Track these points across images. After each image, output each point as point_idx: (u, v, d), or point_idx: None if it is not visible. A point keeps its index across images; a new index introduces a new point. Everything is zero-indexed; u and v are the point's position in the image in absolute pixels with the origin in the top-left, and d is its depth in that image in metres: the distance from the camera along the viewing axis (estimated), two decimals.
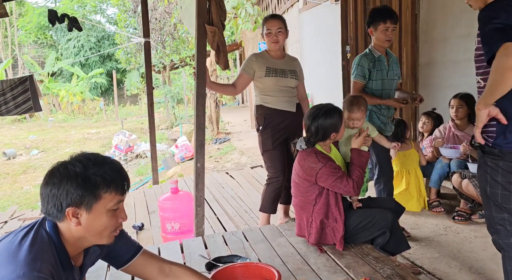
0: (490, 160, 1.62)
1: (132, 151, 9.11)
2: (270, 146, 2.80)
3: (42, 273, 1.05)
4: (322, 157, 2.07)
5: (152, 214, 3.77)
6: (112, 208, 1.17)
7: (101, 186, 1.14)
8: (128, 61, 13.01)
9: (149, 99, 4.63)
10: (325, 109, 2.11)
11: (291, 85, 2.83)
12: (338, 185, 2.04)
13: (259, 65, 2.77)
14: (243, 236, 2.43)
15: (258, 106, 2.87)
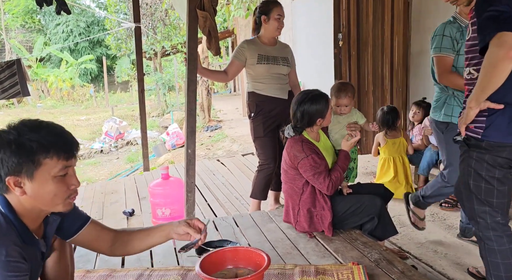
0: (475, 154, 1.59)
1: (123, 138, 9.05)
2: (261, 133, 2.81)
3: (11, 257, 1.03)
4: (307, 148, 2.07)
5: (142, 200, 3.77)
6: (58, 174, 1.11)
7: (38, 152, 1.08)
8: (118, 47, 12.81)
9: (140, 85, 4.58)
10: (312, 94, 2.11)
11: (283, 72, 2.82)
12: (314, 180, 2.06)
13: (250, 52, 2.75)
14: (234, 221, 2.45)
15: (250, 93, 2.87)
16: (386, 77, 4.38)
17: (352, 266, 1.75)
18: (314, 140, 2.18)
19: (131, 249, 1.42)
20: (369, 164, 4.38)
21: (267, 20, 2.74)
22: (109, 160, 7.96)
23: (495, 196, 1.60)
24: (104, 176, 6.69)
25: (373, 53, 4.31)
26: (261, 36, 2.83)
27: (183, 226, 1.38)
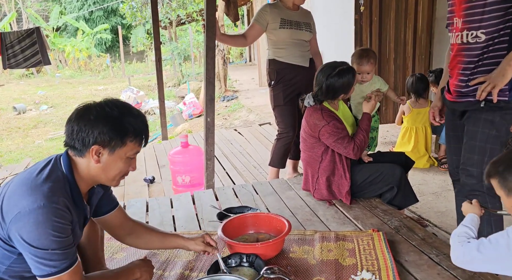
0: (499, 117, 1.60)
1: (140, 107, 9.12)
2: (281, 101, 2.78)
3: (60, 205, 1.12)
4: (327, 115, 2.05)
5: (162, 168, 3.84)
6: (130, 156, 1.25)
7: (130, 135, 1.21)
8: (133, 16, 12.65)
9: (157, 54, 4.55)
10: (339, 68, 2.06)
11: (305, 39, 2.75)
12: (338, 145, 2.04)
13: (273, 16, 2.68)
14: (253, 189, 2.48)
15: (270, 60, 2.81)
16: (408, 44, 4.23)
17: (372, 232, 1.77)
18: (333, 109, 2.15)
19: (143, 244, 1.52)
20: (388, 134, 4.32)
21: None
22: None
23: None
24: None
25: (395, 19, 4.14)
26: (284, 0, 2.74)
27: (201, 245, 1.50)
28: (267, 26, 2.70)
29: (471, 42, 1.60)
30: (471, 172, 1.69)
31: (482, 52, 1.58)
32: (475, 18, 1.56)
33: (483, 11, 1.53)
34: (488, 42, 1.56)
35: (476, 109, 1.65)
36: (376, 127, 2.32)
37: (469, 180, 1.71)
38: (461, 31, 1.61)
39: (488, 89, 1.55)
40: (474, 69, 1.62)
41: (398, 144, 3.47)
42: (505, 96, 1.57)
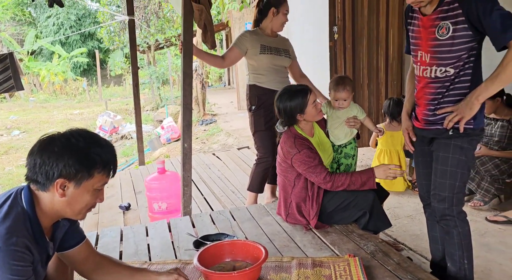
0: (467, 143, 1.68)
1: (117, 132, 8.99)
2: (262, 126, 2.81)
3: (19, 247, 1.06)
4: (299, 144, 2.07)
5: (138, 194, 3.76)
6: (97, 188, 1.21)
7: (97, 166, 1.18)
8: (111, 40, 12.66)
9: (134, 79, 4.54)
10: (289, 90, 2.13)
11: (285, 64, 2.83)
12: (310, 174, 2.06)
13: (253, 42, 2.74)
14: (230, 215, 2.46)
15: (251, 85, 2.85)
16: (381, 70, 4.39)
17: (349, 258, 1.77)
18: (308, 135, 2.18)
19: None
20: (364, 157, 4.41)
21: (276, 13, 2.73)
22: None
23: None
24: None
25: (368, 46, 4.31)
26: (263, 27, 2.81)
27: (169, 275, 1.43)
28: (247, 52, 2.76)
29: (440, 77, 1.68)
30: (443, 197, 1.74)
31: (450, 84, 1.67)
32: (444, 56, 1.64)
33: (451, 49, 1.61)
34: (456, 75, 1.65)
35: (445, 136, 1.71)
36: (352, 154, 2.35)
37: (441, 205, 1.75)
38: (430, 66, 1.69)
39: (455, 120, 1.64)
40: (441, 99, 1.70)
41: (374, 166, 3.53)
42: (470, 124, 1.66)
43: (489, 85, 1.55)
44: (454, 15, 1.57)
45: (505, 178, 2.92)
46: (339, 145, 2.34)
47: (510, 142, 2.91)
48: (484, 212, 2.84)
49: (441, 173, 1.74)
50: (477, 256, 2.25)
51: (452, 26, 1.58)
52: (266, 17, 2.76)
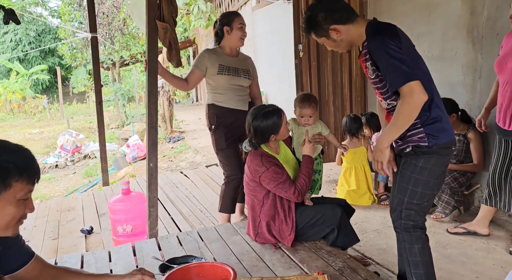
0: (422, 160, 1.72)
1: (80, 151, 8.67)
2: (223, 145, 2.77)
3: None
4: (266, 161, 2.08)
5: (102, 217, 3.61)
6: (22, 198, 1.11)
7: (12, 174, 1.07)
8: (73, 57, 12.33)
9: (98, 96, 4.42)
10: (264, 111, 2.13)
11: (244, 85, 2.81)
12: (279, 190, 2.07)
13: (211, 61, 2.72)
14: (198, 236, 2.40)
15: (210, 105, 2.83)
16: (345, 87, 4.52)
17: (318, 276, 1.76)
18: (274, 153, 2.19)
19: None
20: (331, 172, 4.47)
21: (230, 31, 2.71)
22: (65, 175, 7.57)
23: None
24: (60, 192, 6.35)
25: (332, 63, 4.43)
26: (223, 46, 2.79)
27: (138, 276, 1.41)
28: (206, 71, 2.74)
29: (390, 108, 1.80)
30: (394, 208, 1.84)
31: None
32: (381, 91, 1.76)
33: (380, 86, 1.74)
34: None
35: (404, 154, 1.79)
36: (318, 170, 2.37)
37: (392, 214, 1.86)
38: (381, 100, 1.83)
39: (380, 167, 1.74)
40: None
41: (340, 183, 3.59)
42: (425, 142, 1.71)
43: (388, 132, 1.69)
44: (369, 58, 1.69)
45: (463, 190, 3.05)
46: None
47: (466, 155, 3.05)
48: (446, 224, 2.94)
49: (397, 187, 1.83)
50: (440, 268, 2.32)
51: (372, 67, 1.70)
52: (223, 37, 2.76)
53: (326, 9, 1.72)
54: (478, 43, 3.07)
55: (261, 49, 6.95)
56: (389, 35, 1.61)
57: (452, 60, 3.31)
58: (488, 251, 2.53)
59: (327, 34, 1.73)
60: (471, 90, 3.18)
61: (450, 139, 1.72)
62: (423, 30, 3.53)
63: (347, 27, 1.71)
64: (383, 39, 1.60)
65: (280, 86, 5.99)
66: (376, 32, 1.66)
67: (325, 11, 1.71)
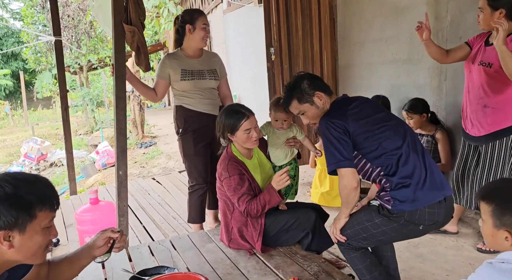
0: (378, 216, 1.78)
1: (46, 159, 8.31)
2: (191, 150, 2.67)
3: None
4: (232, 167, 2.03)
5: (69, 227, 3.45)
6: (46, 226, 1.14)
7: (35, 205, 1.10)
8: (37, 61, 11.83)
9: (63, 103, 4.23)
10: (229, 108, 2.13)
11: (212, 86, 2.69)
12: (234, 200, 2.04)
13: (173, 67, 2.59)
14: (171, 244, 2.33)
15: (177, 106, 2.70)
16: None
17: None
18: (245, 157, 2.15)
19: (64, 278, 1.43)
20: (305, 175, 4.49)
21: (193, 29, 2.56)
22: None
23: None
24: None
25: (304, 67, 4.46)
26: (184, 48, 2.65)
27: (100, 235, 1.44)
28: (170, 78, 2.62)
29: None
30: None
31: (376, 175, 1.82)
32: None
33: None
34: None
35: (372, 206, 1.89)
36: (293, 174, 2.35)
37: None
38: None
39: (335, 233, 1.88)
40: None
41: (314, 185, 3.60)
42: (388, 204, 1.74)
43: (341, 211, 1.86)
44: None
45: None
46: (280, 166, 2.33)
47: (434, 155, 3.13)
48: None
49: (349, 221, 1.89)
50: (413, 267, 2.36)
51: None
52: (184, 35, 2.60)
53: (309, 78, 1.88)
54: (443, 46, 3.16)
55: (233, 52, 6.92)
56: (335, 116, 1.77)
57: (419, 63, 3.40)
58: (457, 249, 2.60)
59: (311, 100, 1.83)
60: (437, 91, 3.28)
61: (416, 209, 1.66)
62: (391, 33, 3.61)
63: (327, 97, 1.85)
64: (327, 121, 1.76)
65: (253, 89, 5.98)
66: (327, 112, 1.84)
67: (309, 79, 1.87)
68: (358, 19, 4.04)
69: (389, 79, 3.73)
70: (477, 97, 2.39)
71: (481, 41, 2.46)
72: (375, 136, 1.73)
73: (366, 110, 1.81)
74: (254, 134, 2.06)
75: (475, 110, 2.41)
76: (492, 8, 2.24)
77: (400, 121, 1.86)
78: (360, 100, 1.88)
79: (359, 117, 1.77)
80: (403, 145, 1.72)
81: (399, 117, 2.01)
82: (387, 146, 1.72)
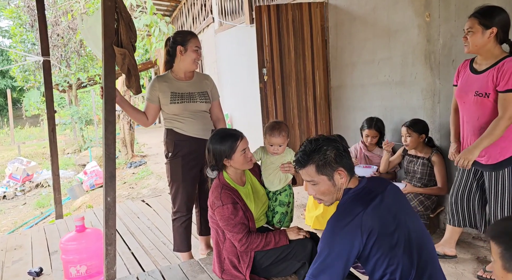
0: None
1: (31, 180, 8.08)
2: (179, 176, 2.57)
3: None
4: (225, 196, 1.95)
5: (53, 255, 3.29)
6: None
7: None
8: (25, 79, 11.68)
9: (50, 124, 4.12)
10: (221, 133, 2.08)
11: (203, 109, 2.61)
12: (227, 231, 1.96)
13: (162, 90, 2.52)
14: (161, 275, 2.21)
15: (168, 130, 2.62)
16: (310, 110, 4.53)
17: None
18: (238, 184, 2.08)
19: None
20: (299, 196, 4.41)
21: (184, 51, 2.50)
22: (14, 206, 6.98)
23: None
24: (7, 226, 5.82)
25: (296, 87, 4.44)
26: (175, 70, 2.58)
27: None
28: (160, 102, 2.55)
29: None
30: None
31: None
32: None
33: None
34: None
35: None
36: (287, 201, 2.27)
37: None
38: None
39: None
40: None
41: (308, 209, 3.52)
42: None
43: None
44: None
45: (429, 214, 3.07)
46: (274, 193, 2.26)
47: (430, 178, 3.10)
48: None
49: None
50: None
51: None
52: (175, 57, 2.54)
53: (337, 148, 1.52)
54: (436, 69, 3.18)
55: (225, 72, 6.91)
56: (340, 222, 1.45)
57: (412, 85, 3.40)
58: (457, 277, 2.52)
59: (331, 175, 1.52)
60: (431, 113, 3.27)
61: None
62: (384, 55, 3.62)
63: (347, 178, 1.54)
64: (331, 222, 1.48)
65: (244, 109, 5.94)
66: (337, 208, 1.53)
67: (337, 150, 1.52)
68: (350, 41, 4.06)
69: (382, 100, 3.73)
70: (478, 127, 2.34)
71: (465, 70, 2.43)
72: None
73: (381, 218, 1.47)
74: (249, 154, 2.07)
75: None
76: (484, 27, 2.21)
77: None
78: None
79: (378, 227, 1.44)
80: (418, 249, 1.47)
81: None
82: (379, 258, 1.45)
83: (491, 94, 2.24)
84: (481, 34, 2.22)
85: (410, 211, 1.55)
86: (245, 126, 5.64)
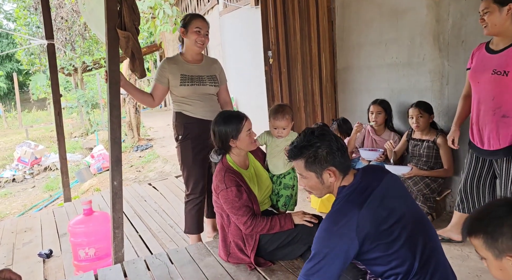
0: None
1: (40, 163, 8.19)
2: (190, 158, 2.60)
3: None
4: (228, 179, 1.97)
5: (63, 237, 3.35)
6: None
7: None
8: (31, 62, 11.67)
9: (56, 107, 4.14)
10: (225, 115, 2.09)
11: (211, 92, 2.65)
12: (232, 214, 1.97)
13: (172, 72, 2.54)
14: (168, 258, 2.25)
15: (177, 113, 2.64)
16: (316, 93, 4.48)
17: None
18: (241, 168, 2.08)
19: None
20: None
21: (186, 33, 2.52)
22: (24, 189, 7.10)
23: None
24: (17, 209, 5.93)
25: (302, 70, 4.39)
26: (184, 52, 2.61)
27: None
28: (169, 83, 2.57)
29: None
30: None
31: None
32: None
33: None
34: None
35: None
36: (291, 184, 2.27)
37: None
38: None
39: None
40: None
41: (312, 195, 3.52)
42: None
43: None
44: None
45: (435, 196, 3.06)
46: (278, 176, 2.26)
47: (436, 161, 3.07)
48: None
49: None
50: None
51: None
52: (184, 40, 2.59)
53: (329, 147, 1.47)
54: (445, 50, 3.11)
55: (230, 55, 6.84)
56: (334, 224, 1.39)
57: (419, 67, 3.34)
58: (462, 259, 2.53)
59: (320, 173, 1.47)
60: (439, 95, 3.22)
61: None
62: (391, 36, 3.55)
63: (339, 176, 1.49)
64: (326, 224, 1.42)
65: (250, 92, 5.90)
66: (332, 208, 1.45)
67: (329, 148, 1.46)
68: (357, 22, 3.97)
69: (389, 82, 3.67)
70: (492, 107, 2.28)
71: (480, 51, 2.38)
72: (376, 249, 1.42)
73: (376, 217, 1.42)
74: (254, 134, 2.11)
75: (492, 121, 2.28)
76: (500, 4, 2.14)
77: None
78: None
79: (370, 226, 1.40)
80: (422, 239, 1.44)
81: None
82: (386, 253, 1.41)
83: (510, 72, 2.18)
84: (499, 13, 2.16)
85: (410, 202, 1.51)
86: (251, 110, 5.61)
